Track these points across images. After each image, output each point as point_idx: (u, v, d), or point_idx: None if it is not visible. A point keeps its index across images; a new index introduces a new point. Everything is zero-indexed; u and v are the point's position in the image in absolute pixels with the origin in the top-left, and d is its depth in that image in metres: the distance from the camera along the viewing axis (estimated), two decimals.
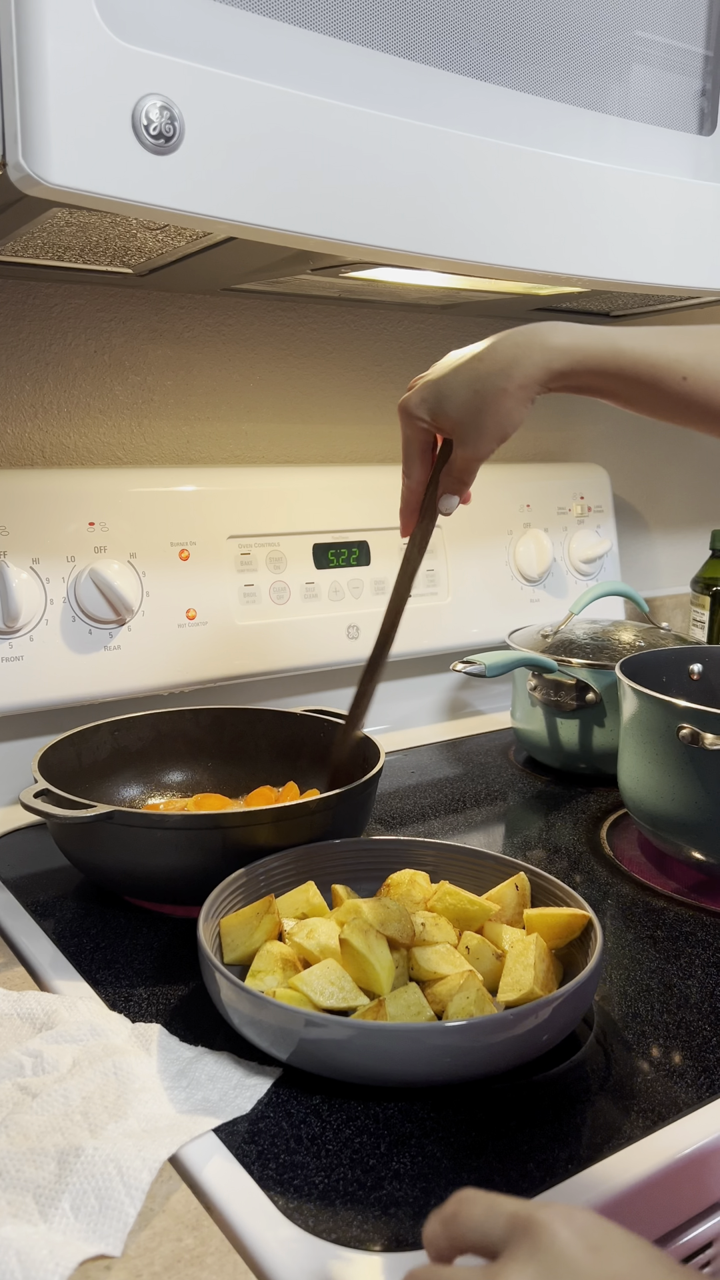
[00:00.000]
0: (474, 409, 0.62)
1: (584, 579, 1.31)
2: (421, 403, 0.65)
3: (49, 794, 0.73)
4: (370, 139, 0.64)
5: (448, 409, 0.63)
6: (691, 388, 0.57)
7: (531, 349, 0.60)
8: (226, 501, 1.03)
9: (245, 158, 0.59)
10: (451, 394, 0.63)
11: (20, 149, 0.53)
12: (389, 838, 0.77)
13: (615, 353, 0.59)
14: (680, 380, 0.57)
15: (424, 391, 0.65)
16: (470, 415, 0.63)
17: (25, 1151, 0.49)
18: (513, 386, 0.61)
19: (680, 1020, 0.64)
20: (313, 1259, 0.46)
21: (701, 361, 0.57)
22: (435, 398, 0.64)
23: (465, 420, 0.63)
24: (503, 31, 0.70)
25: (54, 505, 0.93)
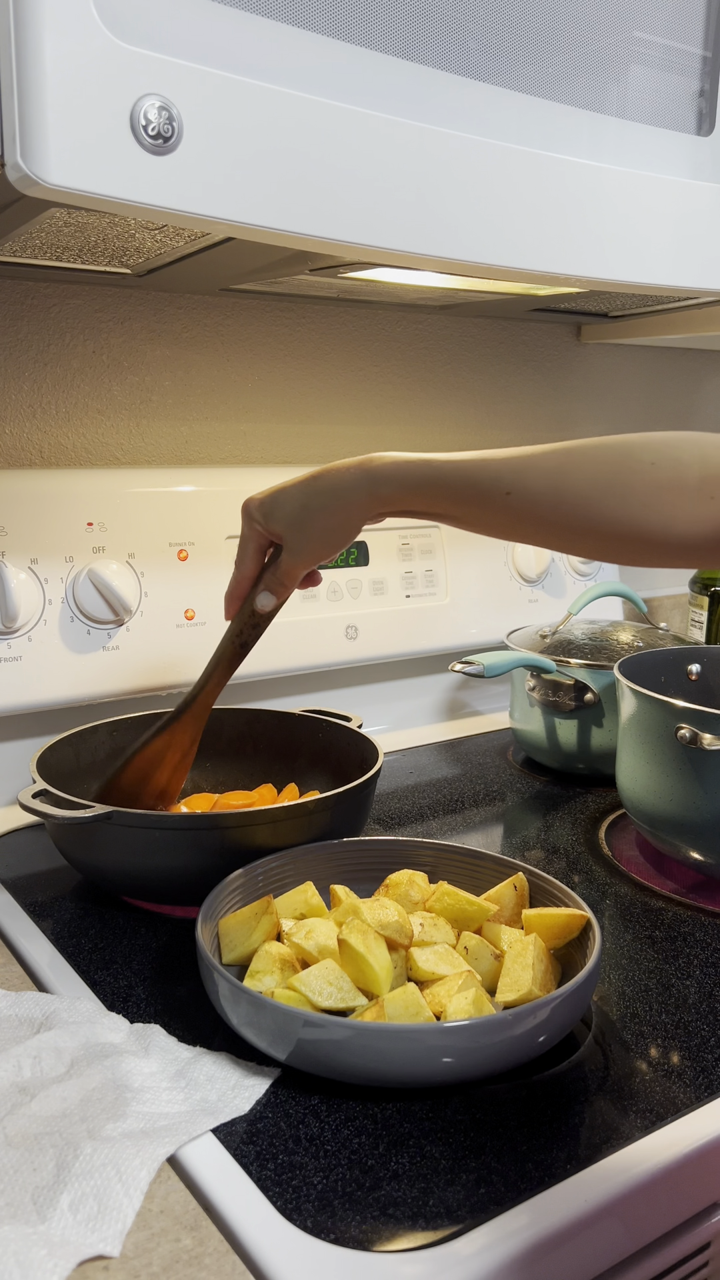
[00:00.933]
0: (300, 523, 0.68)
1: (582, 579, 1.31)
2: (259, 506, 0.70)
3: (47, 794, 0.73)
4: (369, 139, 0.64)
5: (278, 517, 0.69)
6: (515, 502, 0.59)
7: (357, 478, 0.65)
8: (225, 502, 1.03)
9: (244, 158, 0.59)
10: (283, 505, 0.68)
11: (19, 149, 0.53)
12: (387, 838, 0.77)
13: (438, 476, 0.62)
14: (504, 496, 0.59)
15: (263, 497, 0.70)
16: (296, 529, 0.68)
17: (23, 1152, 0.49)
18: (336, 509, 0.66)
19: (679, 1020, 0.64)
20: (311, 1259, 0.46)
21: (521, 476, 0.59)
22: (270, 504, 0.69)
23: (292, 533, 0.68)
24: (501, 32, 0.70)
25: (52, 505, 0.93)
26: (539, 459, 0.59)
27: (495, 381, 1.32)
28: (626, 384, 1.46)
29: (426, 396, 1.26)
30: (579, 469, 0.57)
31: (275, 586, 0.73)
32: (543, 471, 0.58)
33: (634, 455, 0.56)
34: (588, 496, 0.56)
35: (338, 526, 0.67)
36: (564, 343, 1.37)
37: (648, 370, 1.48)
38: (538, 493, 0.58)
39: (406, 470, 0.63)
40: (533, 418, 1.37)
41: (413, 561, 1.16)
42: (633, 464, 0.56)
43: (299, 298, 1.10)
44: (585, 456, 0.57)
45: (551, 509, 0.58)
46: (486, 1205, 0.49)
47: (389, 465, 0.64)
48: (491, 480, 0.60)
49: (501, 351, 1.31)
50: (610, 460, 0.57)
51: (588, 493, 0.56)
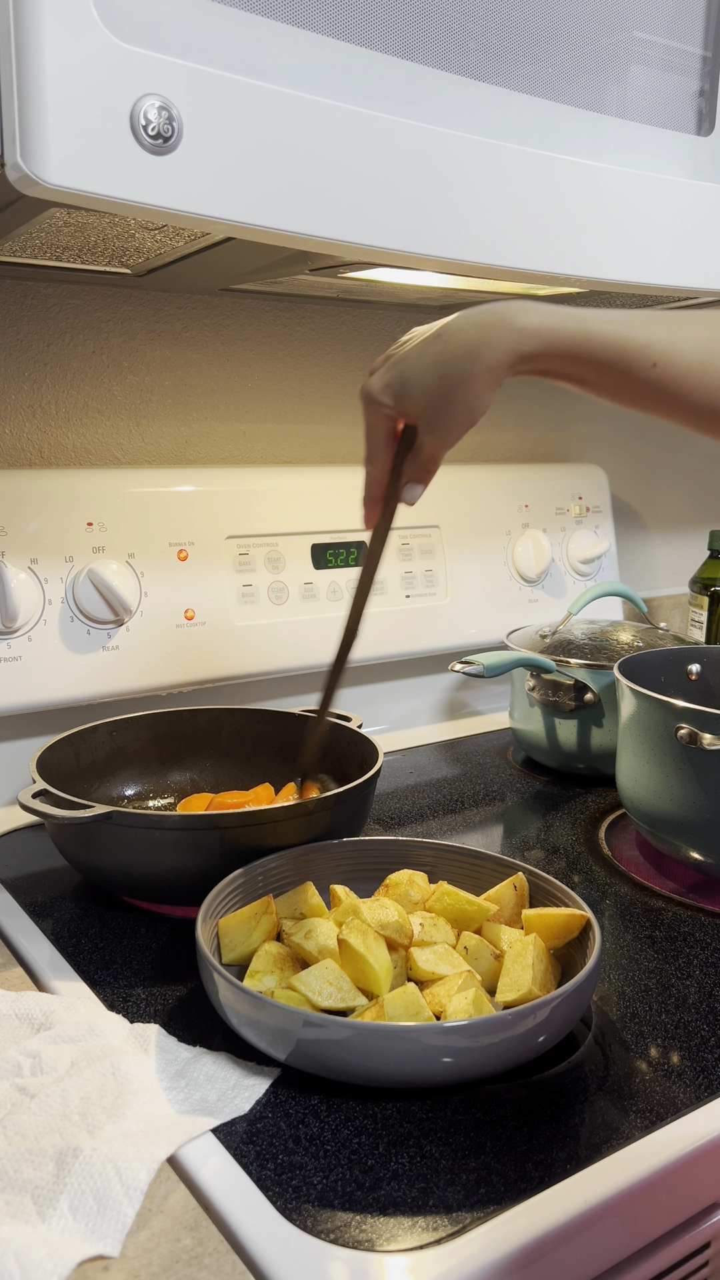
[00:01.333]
0: (440, 394, 0.59)
1: (582, 579, 1.31)
2: (385, 388, 0.62)
3: (47, 794, 0.73)
4: (369, 139, 0.64)
5: (413, 394, 0.60)
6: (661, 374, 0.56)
7: (499, 330, 0.58)
8: (225, 502, 1.03)
9: (244, 158, 0.59)
10: (416, 379, 0.60)
11: (18, 149, 0.53)
12: (387, 838, 0.77)
13: (585, 336, 0.57)
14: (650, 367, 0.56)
15: (387, 376, 0.62)
16: (436, 401, 0.60)
17: (23, 1152, 0.49)
18: (480, 370, 0.58)
19: (678, 1020, 0.64)
20: (311, 1259, 0.46)
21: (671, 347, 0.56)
22: (400, 383, 0.61)
23: (431, 406, 0.60)
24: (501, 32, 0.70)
25: (52, 505, 0.93)
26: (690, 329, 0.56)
27: None
28: None
29: None
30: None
31: (421, 474, 0.65)
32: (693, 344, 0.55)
33: None
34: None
35: (481, 392, 0.59)
36: None
37: None
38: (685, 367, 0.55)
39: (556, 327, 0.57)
40: (533, 418, 1.37)
41: (413, 561, 1.16)
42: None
43: (299, 298, 1.10)
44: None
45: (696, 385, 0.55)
46: (486, 1205, 0.49)
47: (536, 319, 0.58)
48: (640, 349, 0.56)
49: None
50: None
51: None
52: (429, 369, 0.59)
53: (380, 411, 0.63)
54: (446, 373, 0.59)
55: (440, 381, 0.59)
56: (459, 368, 0.58)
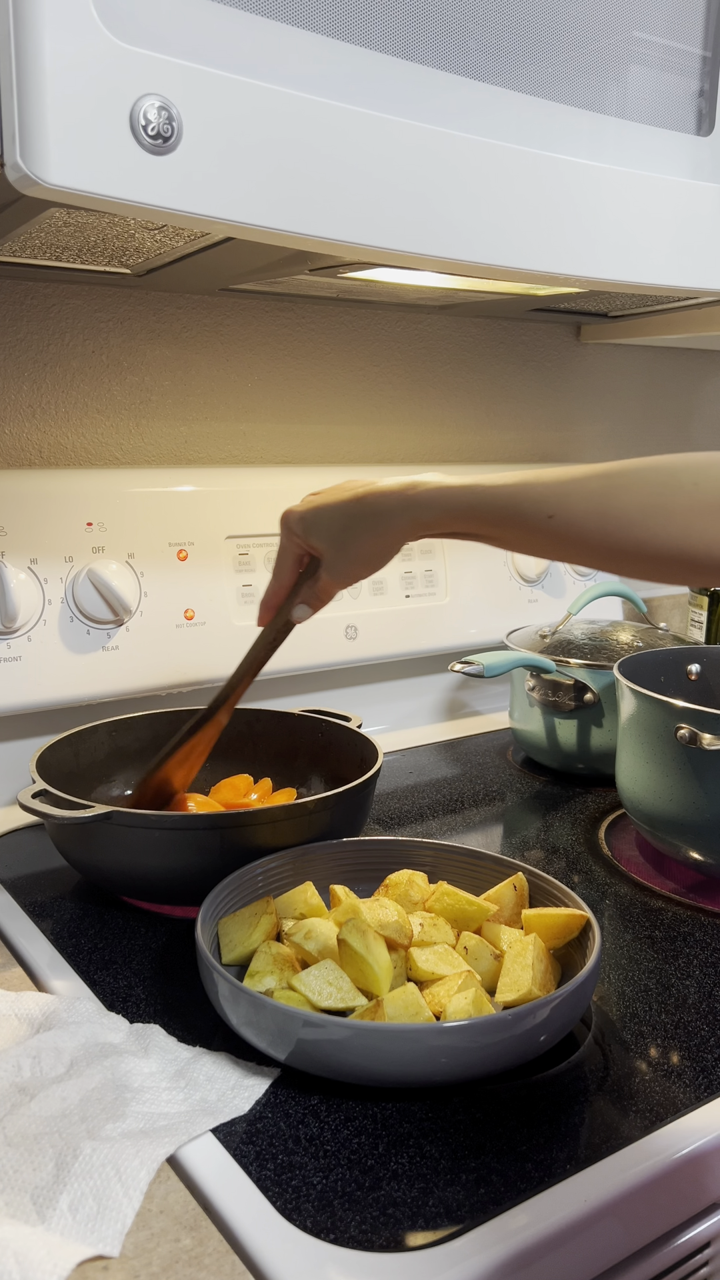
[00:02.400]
0: (341, 544, 0.68)
1: (582, 579, 1.31)
2: (300, 520, 0.70)
3: (47, 794, 0.73)
4: (368, 139, 0.64)
5: (319, 536, 0.69)
6: (557, 525, 0.59)
7: (400, 503, 0.65)
8: (225, 502, 1.03)
9: (243, 158, 0.59)
10: (325, 524, 0.68)
11: (18, 149, 0.53)
12: (387, 838, 0.77)
13: (478, 500, 0.62)
14: (546, 519, 0.59)
15: (305, 511, 0.70)
16: (337, 548, 0.68)
17: (23, 1152, 0.49)
18: (378, 534, 0.66)
19: (678, 1020, 0.64)
20: (310, 1259, 0.46)
21: (564, 500, 0.59)
22: (311, 520, 0.69)
23: (331, 551, 0.69)
24: (501, 32, 0.70)
25: (52, 505, 0.93)
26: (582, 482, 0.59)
27: (495, 381, 1.32)
28: (626, 384, 1.46)
29: (426, 396, 1.26)
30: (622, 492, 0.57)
31: (313, 600, 0.74)
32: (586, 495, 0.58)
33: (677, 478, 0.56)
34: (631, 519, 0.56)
35: (379, 550, 0.67)
36: (564, 343, 1.37)
37: (647, 370, 1.48)
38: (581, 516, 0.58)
39: (450, 496, 0.63)
40: (533, 418, 1.37)
41: (412, 561, 1.16)
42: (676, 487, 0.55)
43: (299, 298, 1.10)
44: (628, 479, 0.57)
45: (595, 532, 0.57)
46: (486, 1205, 0.49)
47: (432, 491, 0.64)
48: (534, 504, 0.59)
49: (501, 351, 1.31)
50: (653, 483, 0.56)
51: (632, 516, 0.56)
52: (337, 519, 0.68)
53: (292, 538, 0.71)
54: (350, 526, 0.67)
55: (343, 532, 0.67)
56: (363, 525, 0.66)
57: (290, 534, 0.71)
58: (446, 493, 0.63)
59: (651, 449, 1.51)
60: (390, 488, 0.66)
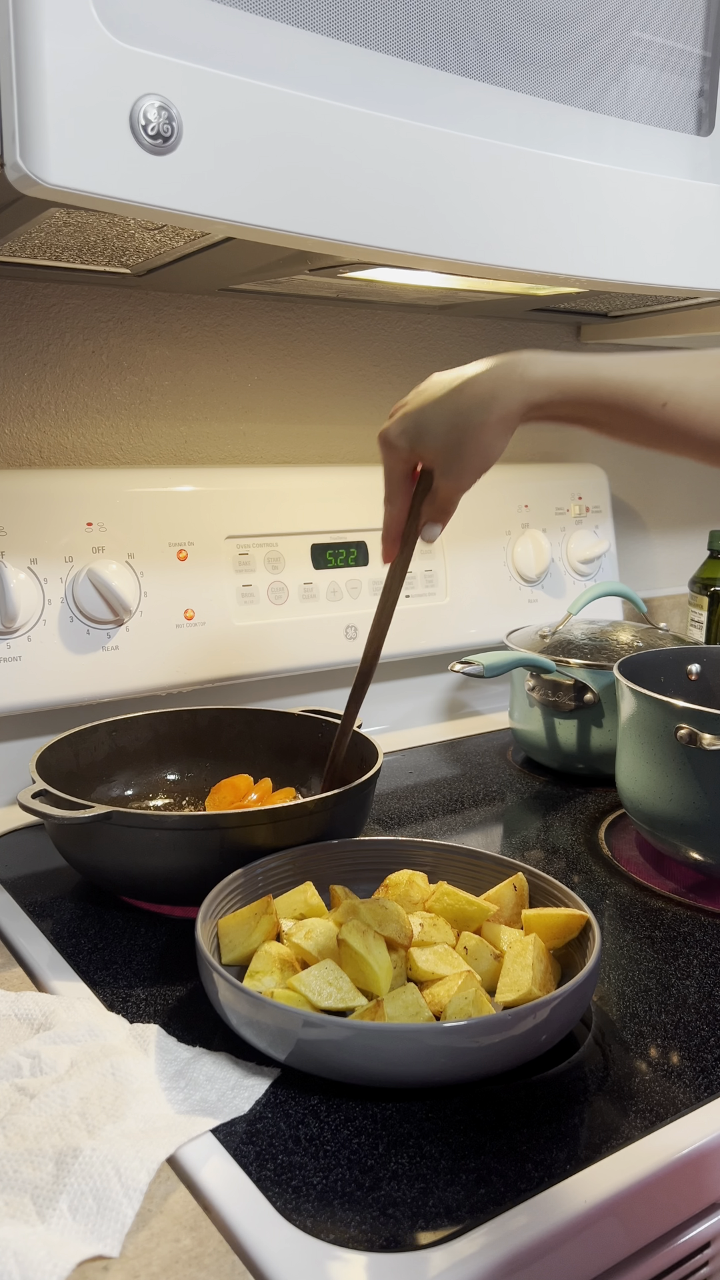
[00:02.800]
0: (454, 442, 0.63)
1: (582, 579, 1.31)
2: (402, 433, 0.65)
3: (47, 794, 0.73)
4: (368, 139, 0.64)
5: (428, 441, 0.64)
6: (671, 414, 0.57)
7: (511, 382, 0.61)
8: (224, 502, 1.03)
9: (243, 158, 0.59)
10: (431, 426, 0.63)
11: (18, 149, 0.53)
12: (387, 838, 0.77)
13: (594, 382, 0.59)
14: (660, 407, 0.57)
15: (404, 422, 0.65)
16: (450, 448, 0.63)
17: (23, 1152, 0.49)
18: (492, 420, 0.61)
19: (678, 1020, 0.64)
20: (310, 1259, 0.46)
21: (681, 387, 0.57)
22: (415, 429, 0.64)
23: (446, 452, 0.63)
24: (501, 32, 0.70)
25: (52, 506, 0.93)
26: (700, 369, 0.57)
27: None
28: None
29: None
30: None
31: (439, 515, 0.69)
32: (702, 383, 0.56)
33: None
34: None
35: (493, 439, 0.62)
36: (564, 343, 1.37)
37: None
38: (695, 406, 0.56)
39: (565, 374, 0.60)
40: None
41: (413, 561, 1.16)
42: None
43: (299, 298, 1.10)
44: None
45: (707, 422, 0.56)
46: (486, 1205, 0.49)
47: (546, 369, 0.60)
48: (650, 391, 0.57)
49: (501, 351, 1.31)
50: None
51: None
52: (444, 418, 0.62)
53: (397, 455, 0.66)
54: (459, 422, 0.62)
55: (453, 430, 0.62)
56: (472, 417, 0.61)
57: (394, 450, 0.66)
58: (563, 370, 0.60)
59: None
60: (493, 369, 0.62)
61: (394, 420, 0.66)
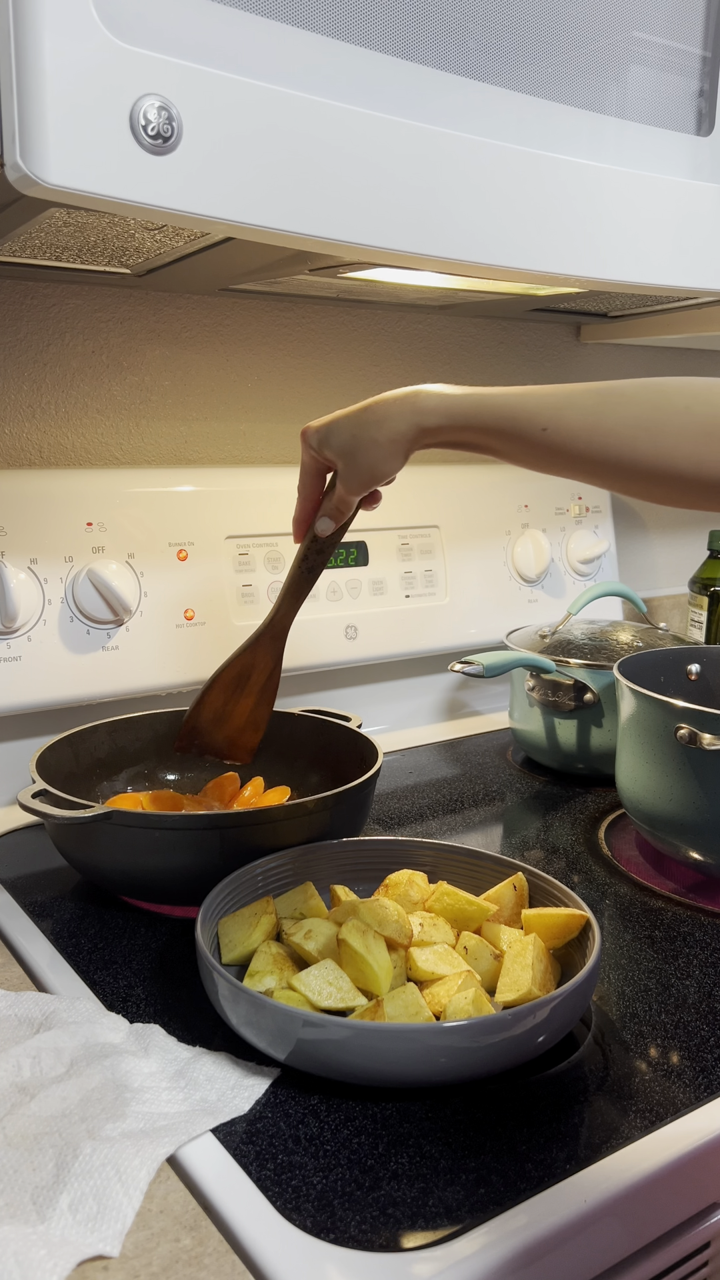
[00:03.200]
0: (349, 452, 0.70)
1: (582, 579, 1.31)
2: (315, 434, 0.73)
3: (47, 794, 0.73)
4: (368, 139, 0.64)
5: (332, 446, 0.71)
6: (552, 438, 0.61)
7: (404, 409, 0.67)
8: (224, 502, 1.03)
9: (243, 158, 0.59)
10: (336, 434, 0.71)
11: (18, 149, 0.53)
12: (387, 838, 0.77)
13: (479, 409, 0.64)
14: (540, 431, 0.61)
15: (319, 425, 0.73)
16: (346, 457, 0.71)
17: (23, 1152, 0.49)
18: (383, 439, 0.68)
19: (678, 1020, 0.64)
20: (310, 1259, 0.46)
21: (559, 413, 0.60)
22: (325, 433, 0.72)
23: (342, 460, 0.71)
24: (501, 32, 0.70)
25: (52, 505, 0.93)
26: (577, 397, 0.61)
27: (495, 381, 1.32)
28: None
29: None
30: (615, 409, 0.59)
31: (332, 512, 0.76)
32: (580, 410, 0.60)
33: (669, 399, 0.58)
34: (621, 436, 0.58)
35: (385, 456, 0.69)
36: (564, 343, 1.37)
37: (647, 370, 1.48)
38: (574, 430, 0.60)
39: (451, 403, 0.65)
40: None
41: (412, 561, 1.16)
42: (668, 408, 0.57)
43: (299, 298, 1.10)
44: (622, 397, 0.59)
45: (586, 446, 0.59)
46: (486, 1205, 0.49)
47: (434, 398, 0.66)
48: (530, 416, 0.61)
49: (501, 351, 1.31)
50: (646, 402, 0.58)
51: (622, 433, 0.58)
52: (346, 428, 0.70)
53: (309, 452, 0.74)
54: (358, 434, 0.69)
55: (351, 441, 0.70)
56: (367, 434, 0.69)
57: (307, 449, 0.74)
58: (449, 399, 0.66)
59: None
60: (395, 395, 0.68)
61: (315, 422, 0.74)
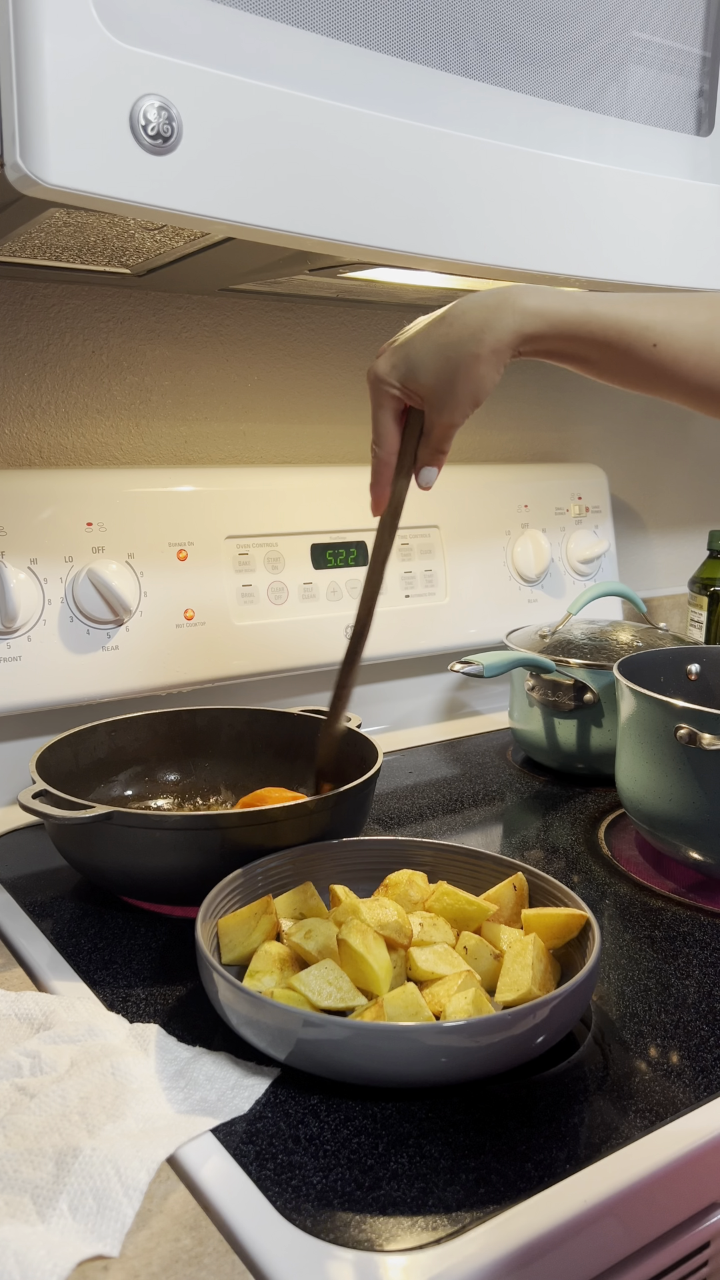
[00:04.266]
0: (447, 376, 0.61)
1: (582, 579, 1.31)
2: (392, 369, 0.63)
3: (47, 794, 0.73)
4: (368, 139, 0.64)
5: (419, 376, 0.62)
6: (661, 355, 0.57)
7: (503, 312, 0.59)
8: (224, 502, 1.03)
9: (243, 158, 0.59)
10: (423, 361, 0.62)
11: (18, 149, 0.53)
12: (387, 838, 0.77)
13: (587, 317, 0.59)
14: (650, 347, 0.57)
15: (394, 358, 0.63)
16: (443, 382, 0.61)
17: (23, 1152, 0.49)
18: (485, 351, 0.60)
19: (678, 1020, 0.64)
20: (310, 1259, 0.46)
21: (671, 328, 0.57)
22: (406, 365, 0.63)
23: (438, 387, 0.62)
24: (500, 32, 0.70)
25: (52, 506, 0.93)
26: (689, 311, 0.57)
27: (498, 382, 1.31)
28: None
29: None
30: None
31: (434, 456, 0.66)
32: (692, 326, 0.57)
33: None
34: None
35: (487, 371, 0.61)
36: None
37: None
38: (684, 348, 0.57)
39: (559, 308, 0.59)
40: (532, 418, 1.37)
41: (412, 561, 1.16)
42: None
43: (299, 298, 1.10)
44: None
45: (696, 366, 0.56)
46: (486, 1205, 0.49)
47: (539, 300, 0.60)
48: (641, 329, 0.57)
49: None
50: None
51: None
52: (434, 351, 0.61)
53: (388, 393, 0.64)
54: (451, 354, 0.60)
55: (446, 362, 0.60)
56: (464, 349, 0.60)
57: (385, 389, 0.64)
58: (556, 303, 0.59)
59: (651, 448, 1.51)
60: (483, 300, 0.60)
61: (383, 356, 0.65)
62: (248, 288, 1.01)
